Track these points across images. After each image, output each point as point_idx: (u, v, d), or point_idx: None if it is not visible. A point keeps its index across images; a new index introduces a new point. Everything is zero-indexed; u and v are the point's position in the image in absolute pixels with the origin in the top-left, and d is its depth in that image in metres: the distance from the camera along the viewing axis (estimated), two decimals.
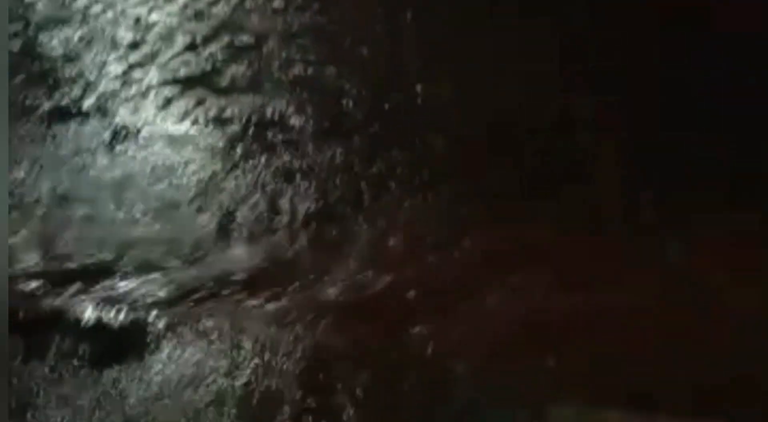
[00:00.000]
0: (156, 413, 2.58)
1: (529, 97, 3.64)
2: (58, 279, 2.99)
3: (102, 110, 3.73)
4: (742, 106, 3.44)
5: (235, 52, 4.06)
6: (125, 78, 3.90)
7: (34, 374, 2.71)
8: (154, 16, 4.31)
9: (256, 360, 2.69)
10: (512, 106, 3.63)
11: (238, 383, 2.63)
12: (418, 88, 3.81)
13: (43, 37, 4.16)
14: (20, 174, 3.42)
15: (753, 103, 3.46)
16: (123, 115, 3.71)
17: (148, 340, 2.77)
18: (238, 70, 3.96)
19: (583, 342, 2.64)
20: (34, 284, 2.96)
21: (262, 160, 3.46)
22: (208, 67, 3.97)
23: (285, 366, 2.67)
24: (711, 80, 3.59)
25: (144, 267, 3.02)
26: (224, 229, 3.15)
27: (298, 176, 3.37)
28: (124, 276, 3.00)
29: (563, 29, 3.96)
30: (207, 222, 3.19)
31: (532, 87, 3.68)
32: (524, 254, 2.96)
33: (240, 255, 3.04)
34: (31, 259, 3.07)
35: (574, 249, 2.96)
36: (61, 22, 4.24)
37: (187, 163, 3.46)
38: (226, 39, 4.14)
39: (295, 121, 3.66)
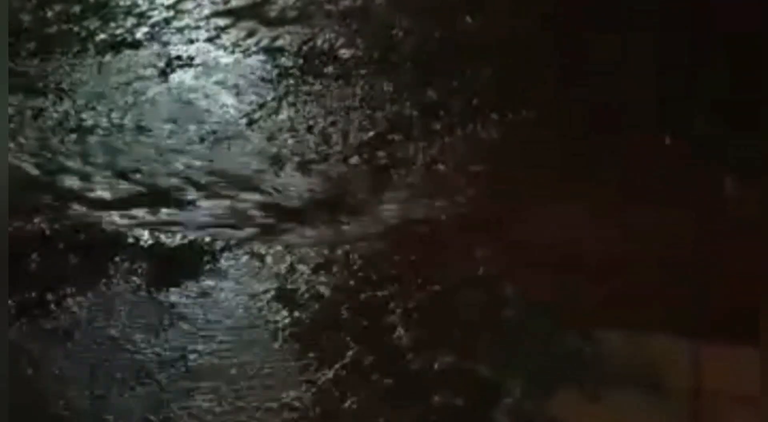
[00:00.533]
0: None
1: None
2: (119, 203, 3.07)
3: (156, 39, 3.78)
4: None
5: None
6: (177, 7, 3.93)
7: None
8: None
9: (310, 283, 2.75)
10: (561, 43, 3.61)
11: (292, 306, 2.69)
12: (468, 19, 3.79)
13: None
14: (80, 101, 3.48)
15: None
16: (176, 45, 3.75)
17: (205, 261, 2.84)
18: (288, 1, 3.96)
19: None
20: (97, 207, 3.04)
21: (314, 90, 3.49)
22: None
23: (338, 286, 2.72)
24: None
25: (199, 195, 3.08)
26: (277, 158, 3.19)
27: (348, 106, 3.40)
28: (180, 204, 3.06)
29: None
30: (259, 150, 3.23)
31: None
32: (563, 187, 2.97)
33: (294, 181, 3.09)
34: (92, 183, 3.14)
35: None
36: None
37: (239, 93, 3.50)
38: None
39: (345, 52, 3.67)
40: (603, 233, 2.80)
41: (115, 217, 3.01)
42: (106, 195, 3.09)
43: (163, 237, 2.93)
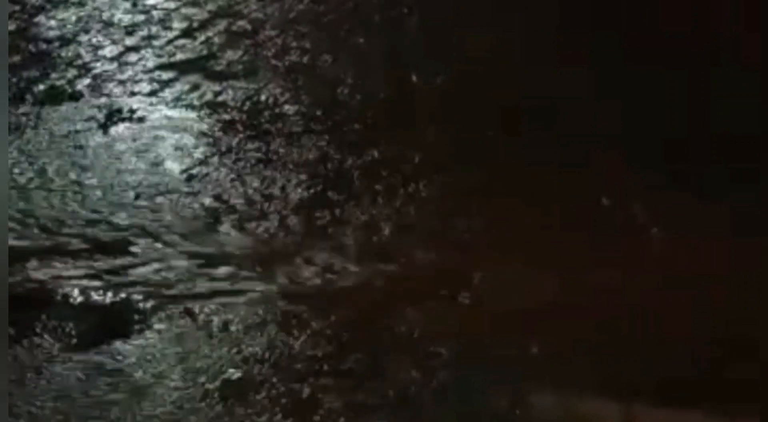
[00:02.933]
0: None
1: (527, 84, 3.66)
2: (49, 255, 2.99)
3: (97, 91, 3.74)
4: None
5: (231, 38, 4.07)
6: (121, 60, 3.90)
7: None
8: (151, 0, 4.31)
9: (242, 339, 2.70)
10: (511, 95, 3.64)
11: (225, 365, 2.63)
12: (414, 77, 3.81)
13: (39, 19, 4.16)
14: (13, 154, 3.42)
15: None
16: (118, 97, 3.71)
17: (137, 320, 2.78)
18: (234, 55, 3.96)
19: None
20: (27, 260, 2.97)
21: (256, 146, 3.47)
22: (204, 52, 3.97)
23: (271, 346, 2.67)
24: None
25: (135, 251, 3.02)
26: (215, 215, 3.15)
27: (290, 163, 3.37)
28: (112, 256, 2.99)
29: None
30: (199, 206, 3.19)
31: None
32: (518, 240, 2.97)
33: (231, 240, 3.04)
34: (26, 237, 3.07)
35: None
36: (58, 4, 4.24)
37: (179, 148, 3.46)
38: (223, 24, 4.14)
39: (289, 108, 3.66)
40: (543, 292, 2.80)
41: (46, 273, 2.93)
42: (38, 249, 3.01)
43: (94, 295, 2.85)
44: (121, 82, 3.79)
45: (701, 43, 3.72)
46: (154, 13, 4.22)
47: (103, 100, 3.70)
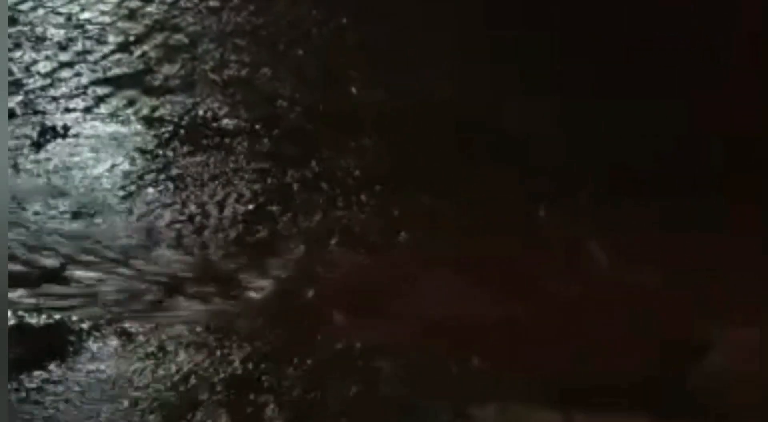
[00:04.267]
0: None
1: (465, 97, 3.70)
2: None
3: (30, 108, 3.67)
4: None
5: (168, 52, 4.04)
6: (54, 76, 3.84)
7: None
8: (86, 14, 4.25)
9: (180, 358, 2.66)
10: (446, 107, 3.67)
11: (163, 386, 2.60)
12: (353, 90, 3.82)
13: None
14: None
15: None
16: (51, 114, 3.65)
17: (71, 341, 2.72)
18: (171, 70, 3.93)
19: None
20: None
21: (194, 161, 3.43)
22: (141, 67, 3.93)
23: (211, 364, 2.64)
24: None
25: (70, 271, 2.97)
26: (152, 232, 3.11)
27: (229, 178, 3.35)
28: (51, 277, 2.94)
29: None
30: (135, 224, 3.15)
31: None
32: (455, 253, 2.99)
33: (167, 257, 3.01)
34: None
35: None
36: None
37: (115, 165, 3.41)
38: (159, 38, 4.11)
39: (227, 122, 3.64)
40: (484, 304, 2.81)
41: None
42: None
43: (27, 317, 2.79)
44: (55, 99, 3.73)
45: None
46: (89, 27, 4.17)
47: (37, 117, 3.63)
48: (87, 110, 3.68)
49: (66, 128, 3.58)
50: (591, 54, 3.87)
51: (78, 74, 3.87)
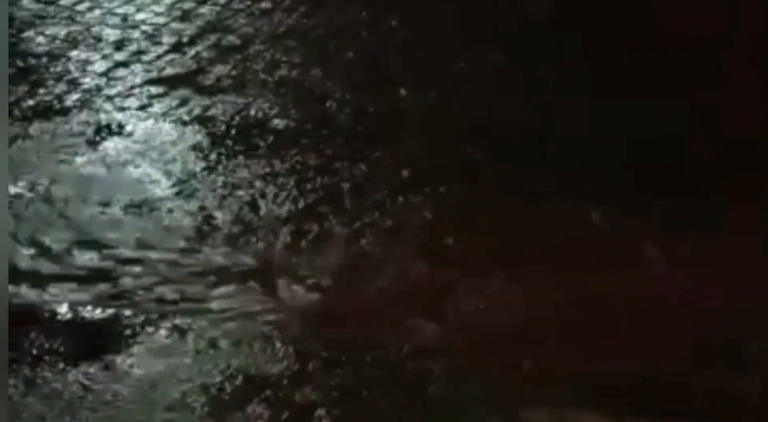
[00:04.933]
0: None
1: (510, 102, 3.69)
2: (38, 271, 2.98)
3: (86, 107, 3.74)
4: None
5: (220, 53, 4.08)
6: (109, 75, 3.91)
7: None
8: (140, 15, 4.32)
9: (231, 355, 2.70)
10: (492, 111, 3.67)
11: (215, 381, 2.63)
12: (402, 92, 3.83)
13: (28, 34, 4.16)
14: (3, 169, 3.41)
15: None
16: (107, 113, 3.71)
17: (127, 335, 2.77)
18: (223, 70, 3.97)
19: None
20: (16, 277, 2.95)
21: (245, 160, 3.47)
22: (194, 67, 3.99)
23: (262, 362, 2.67)
24: None
25: (124, 267, 3.01)
26: (205, 230, 3.15)
27: (279, 177, 3.38)
28: (106, 273, 2.99)
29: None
30: (188, 221, 3.19)
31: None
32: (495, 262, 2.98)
33: (220, 254, 3.04)
34: (14, 253, 3.05)
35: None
36: (47, 19, 4.25)
37: (168, 163, 3.46)
38: (212, 39, 4.16)
39: (278, 122, 3.67)
40: (537, 308, 2.80)
41: (36, 290, 2.92)
42: (27, 266, 3.00)
43: (82, 312, 2.85)
44: (110, 98, 3.79)
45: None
46: (144, 28, 4.23)
47: (92, 115, 3.70)
48: (141, 108, 3.74)
49: (121, 126, 3.64)
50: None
51: (132, 73, 3.94)
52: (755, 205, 3.10)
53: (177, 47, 4.11)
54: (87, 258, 3.04)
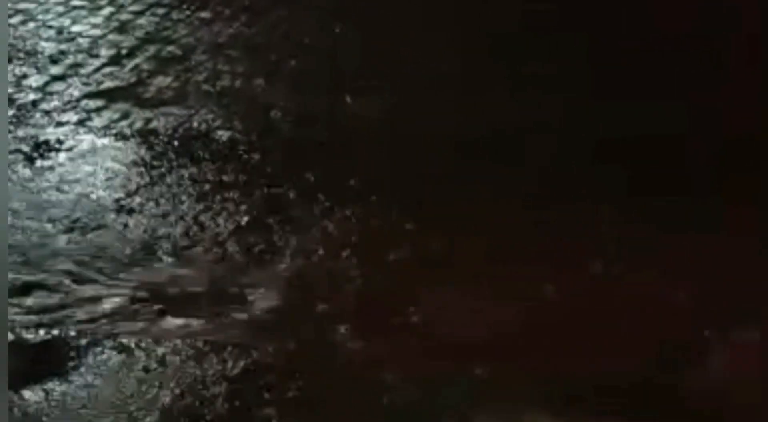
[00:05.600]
0: None
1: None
2: None
3: (22, 123, 3.64)
4: None
5: (161, 64, 4.02)
6: (46, 90, 3.81)
7: None
8: (76, 28, 4.23)
9: (182, 371, 2.64)
10: (444, 118, 3.66)
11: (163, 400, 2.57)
12: (348, 99, 3.81)
13: None
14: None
15: None
16: (44, 128, 3.62)
17: (70, 357, 2.69)
18: (164, 81, 3.91)
19: None
20: None
21: (189, 173, 3.41)
22: (133, 79, 3.91)
23: (211, 378, 2.61)
24: None
25: (66, 286, 2.93)
26: (149, 245, 3.08)
27: (225, 189, 3.33)
28: (48, 291, 2.91)
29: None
30: (132, 236, 3.12)
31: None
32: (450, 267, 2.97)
33: (165, 269, 2.98)
34: None
35: None
36: None
37: (110, 178, 3.38)
38: (151, 50, 4.09)
39: (221, 133, 3.62)
40: (494, 314, 2.79)
41: None
42: None
43: (24, 333, 2.76)
44: (47, 113, 3.70)
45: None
46: (80, 40, 4.15)
47: (29, 131, 3.60)
48: (80, 123, 3.65)
49: (60, 142, 3.55)
50: (591, 55, 3.88)
51: (70, 87, 3.85)
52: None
53: (116, 59, 4.03)
54: (27, 278, 2.96)
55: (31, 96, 3.79)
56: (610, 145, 3.43)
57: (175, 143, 3.56)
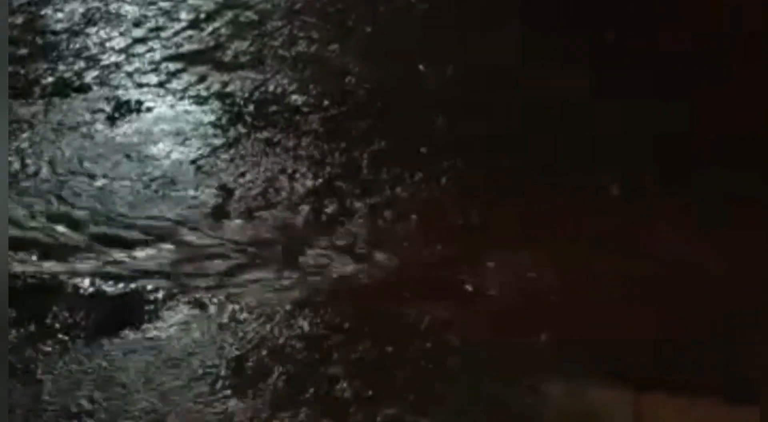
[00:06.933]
0: None
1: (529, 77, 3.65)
2: (60, 246, 3.00)
3: (105, 84, 3.74)
4: None
5: (238, 29, 4.07)
6: (128, 52, 3.91)
7: None
8: None
9: (252, 328, 2.71)
10: (510, 89, 3.63)
11: (235, 356, 2.64)
12: (420, 67, 3.80)
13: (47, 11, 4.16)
14: (22, 146, 3.43)
15: None
16: (126, 89, 3.71)
17: (147, 310, 2.79)
18: (241, 46, 3.96)
19: None
20: (38, 251, 2.97)
21: (264, 136, 3.47)
22: (212, 43, 3.97)
23: (282, 337, 2.68)
24: None
25: (143, 242, 3.03)
26: (223, 205, 3.16)
27: (299, 152, 3.37)
28: (123, 247, 3.01)
29: None
30: (207, 196, 3.19)
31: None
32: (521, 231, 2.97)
33: (239, 229, 3.05)
34: (36, 229, 3.07)
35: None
36: None
37: (187, 139, 3.46)
38: (229, 15, 4.14)
39: (296, 98, 3.66)
40: (556, 281, 2.79)
41: (55, 265, 2.94)
42: (46, 242, 3.02)
43: (104, 286, 2.86)
44: (129, 74, 3.79)
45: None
46: (161, 4, 4.21)
47: (111, 92, 3.70)
48: (160, 85, 3.73)
49: (140, 103, 3.64)
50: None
51: (151, 50, 3.93)
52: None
53: (195, 23, 4.09)
54: (106, 233, 3.06)
55: (114, 58, 3.89)
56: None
57: (251, 107, 3.62)
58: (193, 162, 3.35)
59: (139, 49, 3.94)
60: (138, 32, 4.03)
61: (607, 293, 2.75)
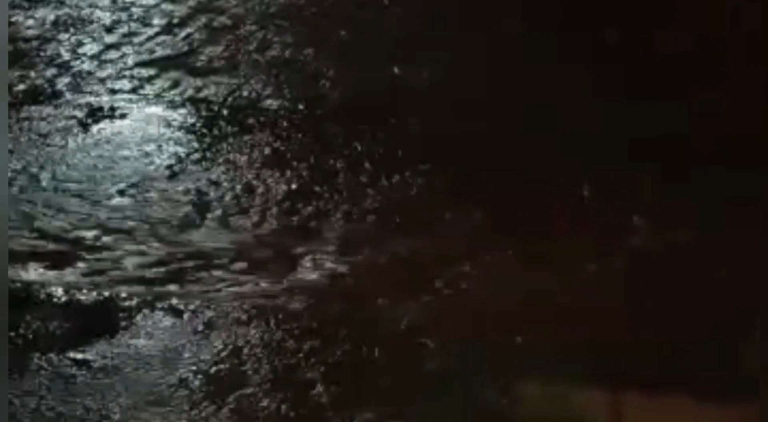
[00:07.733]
0: None
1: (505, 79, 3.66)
2: (31, 255, 2.97)
3: (77, 90, 3.71)
4: None
5: (212, 34, 4.05)
6: (101, 58, 3.88)
7: None
8: None
9: (228, 341, 2.69)
10: (486, 90, 3.64)
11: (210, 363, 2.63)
12: (396, 70, 3.80)
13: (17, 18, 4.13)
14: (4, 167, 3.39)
15: None
16: (98, 96, 3.69)
17: (121, 318, 2.76)
18: (215, 51, 3.94)
19: None
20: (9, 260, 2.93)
21: (238, 141, 3.45)
22: (185, 48, 3.95)
23: (258, 342, 2.66)
24: None
25: (118, 249, 3.00)
26: (198, 211, 3.14)
27: (274, 157, 3.36)
28: (96, 255, 2.98)
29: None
30: (182, 202, 3.17)
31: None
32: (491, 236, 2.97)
33: (214, 234, 3.03)
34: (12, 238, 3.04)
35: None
36: (36, 2, 4.21)
37: (161, 145, 3.44)
38: (203, 20, 4.12)
39: (271, 102, 3.65)
40: (531, 284, 2.79)
41: (28, 273, 2.91)
42: (19, 249, 2.99)
43: (77, 294, 2.84)
44: (102, 80, 3.76)
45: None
46: (134, 10, 4.19)
47: (84, 98, 3.67)
48: (133, 91, 3.71)
49: (113, 109, 3.61)
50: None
51: (123, 56, 3.91)
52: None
53: (168, 28, 4.07)
54: (80, 240, 3.03)
55: (86, 64, 3.86)
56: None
57: (225, 111, 3.60)
58: (168, 167, 3.33)
59: (112, 54, 3.91)
60: (110, 38, 4.01)
61: (601, 294, 2.74)
